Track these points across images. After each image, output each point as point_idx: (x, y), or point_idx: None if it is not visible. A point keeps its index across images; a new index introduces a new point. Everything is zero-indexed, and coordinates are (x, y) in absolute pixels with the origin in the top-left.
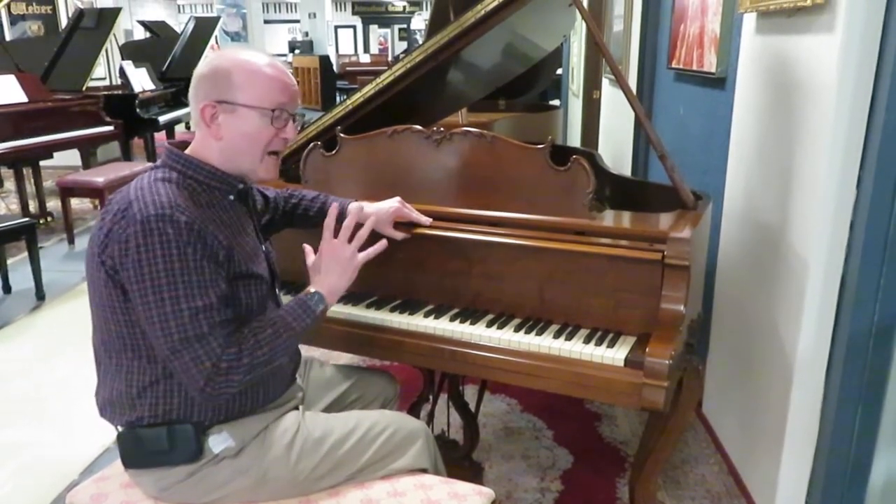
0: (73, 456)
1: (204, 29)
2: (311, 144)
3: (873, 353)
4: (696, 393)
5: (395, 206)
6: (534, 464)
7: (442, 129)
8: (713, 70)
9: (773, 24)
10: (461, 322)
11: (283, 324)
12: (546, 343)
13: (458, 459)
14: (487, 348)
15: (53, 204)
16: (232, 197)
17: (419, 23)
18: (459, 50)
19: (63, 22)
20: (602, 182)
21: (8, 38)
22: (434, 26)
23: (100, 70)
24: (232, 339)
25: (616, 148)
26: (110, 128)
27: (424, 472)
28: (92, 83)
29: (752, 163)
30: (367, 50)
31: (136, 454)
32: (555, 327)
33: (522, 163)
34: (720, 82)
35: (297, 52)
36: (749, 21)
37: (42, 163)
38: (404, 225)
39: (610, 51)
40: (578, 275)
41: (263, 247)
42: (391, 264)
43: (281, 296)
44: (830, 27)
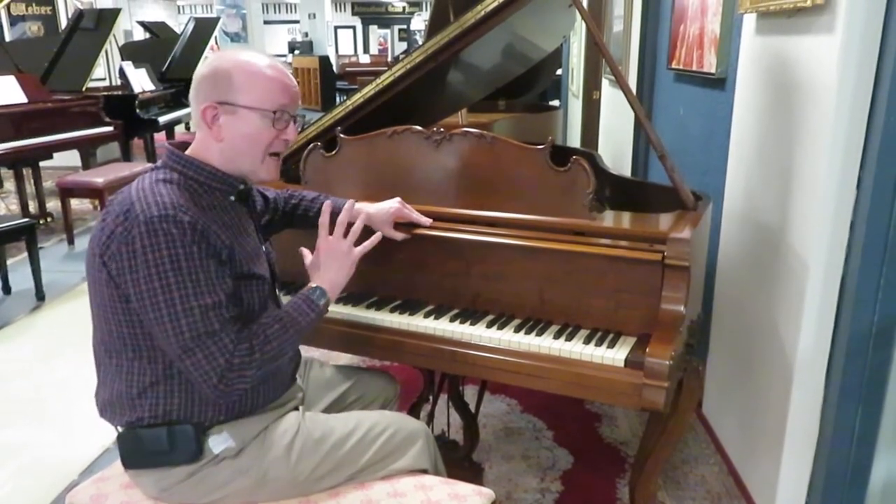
0: (73, 456)
1: (204, 30)
2: (311, 145)
3: (873, 354)
4: (697, 393)
5: (395, 206)
6: (534, 464)
7: (442, 129)
8: (713, 70)
9: (773, 24)
10: (461, 322)
11: (289, 319)
12: (546, 343)
13: (458, 460)
14: (487, 349)
15: (53, 204)
16: (233, 198)
17: (419, 23)
18: (459, 51)
19: (63, 22)
20: (602, 182)
21: (8, 39)
22: (434, 27)
23: (99, 71)
24: (242, 336)
25: (616, 148)
26: (110, 128)
27: (424, 472)
28: (92, 84)
29: (752, 163)
30: (366, 50)
31: (137, 454)
32: (555, 328)
33: (522, 163)
34: (720, 83)
35: (296, 52)
36: (749, 21)
37: (42, 163)
38: (404, 225)
39: (610, 51)
40: (578, 275)
41: (264, 247)
42: (391, 265)
43: (281, 296)
44: (830, 28)
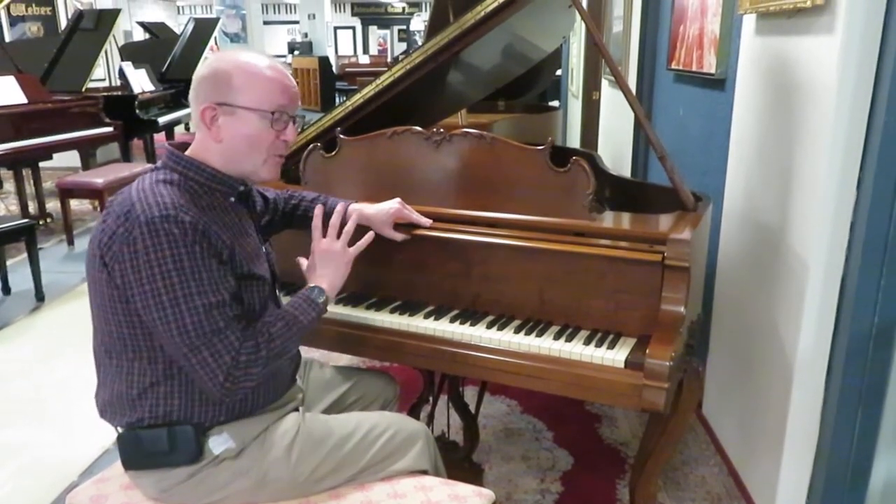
0: (73, 457)
1: (203, 30)
2: (311, 146)
3: (873, 355)
4: (697, 394)
5: (394, 207)
6: (534, 465)
7: (442, 130)
8: (713, 71)
9: (772, 25)
10: (461, 323)
11: (291, 317)
12: (546, 344)
13: (458, 461)
14: (487, 349)
15: (53, 205)
16: (233, 199)
17: (418, 24)
18: (459, 51)
19: (62, 23)
20: (602, 183)
21: (7, 40)
22: (433, 27)
23: (99, 71)
24: (248, 334)
25: (615, 149)
26: (110, 129)
27: (425, 473)
28: (91, 84)
29: (751, 164)
30: (366, 51)
31: (136, 455)
32: (555, 328)
33: (522, 164)
34: (720, 83)
35: (296, 53)
36: (749, 22)
37: (41, 164)
38: (404, 226)
39: (609, 52)
40: (578, 276)
41: (263, 248)
42: (391, 266)
43: (281, 297)
44: (830, 28)
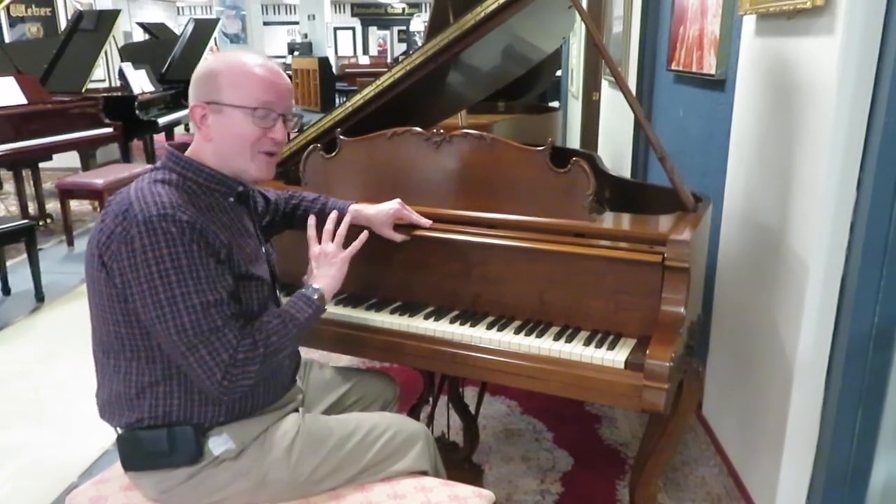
0: (73, 458)
1: (203, 31)
2: (311, 146)
3: (873, 355)
4: (697, 395)
5: (394, 207)
6: (534, 466)
7: (441, 131)
8: (713, 72)
9: (772, 26)
10: (461, 324)
11: (287, 315)
12: (546, 345)
13: (458, 461)
14: (487, 350)
15: (53, 206)
16: (232, 199)
17: (418, 24)
18: (459, 52)
19: (62, 24)
20: (602, 184)
21: (7, 40)
22: (433, 28)
23: (99, 72)
24: (245, 332)
25: (615, 150)
26: (109, 130)
27: (424, 474)
28: (91, 85)
29: (751, 164)
30: (366, 52)
31: (136, 456)
32: (555, 329)
33: (522, 165)
34: (720, 84)
35: (296, 53)
36: (749, 23)
37: (41, 165)
38: (404, 227)
39: (609, 52)
40: (578, 277)
41: (264, 248)
42: (391, 266)
43: (281, 298)
44: (830, 29)
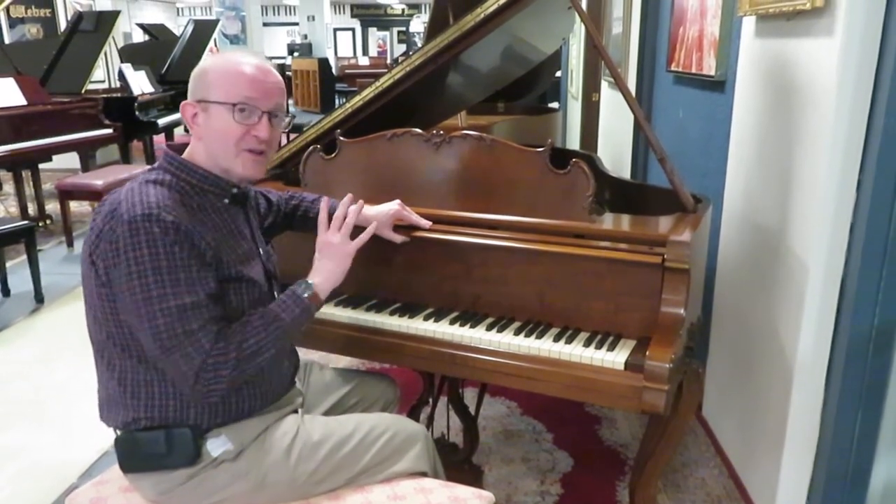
0: (72, 459)
1: (203, 32)
2: (311, 147)
3: (873, 357)
4: (697, 396)
5: (394, 208)
6: (534, 467)
7: (441, 132)
8: (712, 73)
9: (772, 27)
10: (461, 325)
11: (271, 315)
12: (546, 346)
13: (457, 463)
14: (487, 351)
15: (52, 207)
16: (226, 200)
17: (418, 25)
18: (459, 53)
19: (62, 25)
20: (601, 185)
21: (7, 41)
22: (433, 29)
23: (99, 73)
24: (220, 336)
25: (615, 151)
26: (109, 130)
27: (424, 475)
28: (91, 86)
29: (751, 166)
30: (365, 52)
31: (134, 458)
32: (555, 330)
33: (522, 166)
34: (719, 85)
35: (295, 54)
36: (748, 24)
37: (41, 166)
38: (404, 228)
39: (609, 53)
40: (578, 278)
41: (262, 250)
42: (391, 267)
43: None
44: (830, 30)
